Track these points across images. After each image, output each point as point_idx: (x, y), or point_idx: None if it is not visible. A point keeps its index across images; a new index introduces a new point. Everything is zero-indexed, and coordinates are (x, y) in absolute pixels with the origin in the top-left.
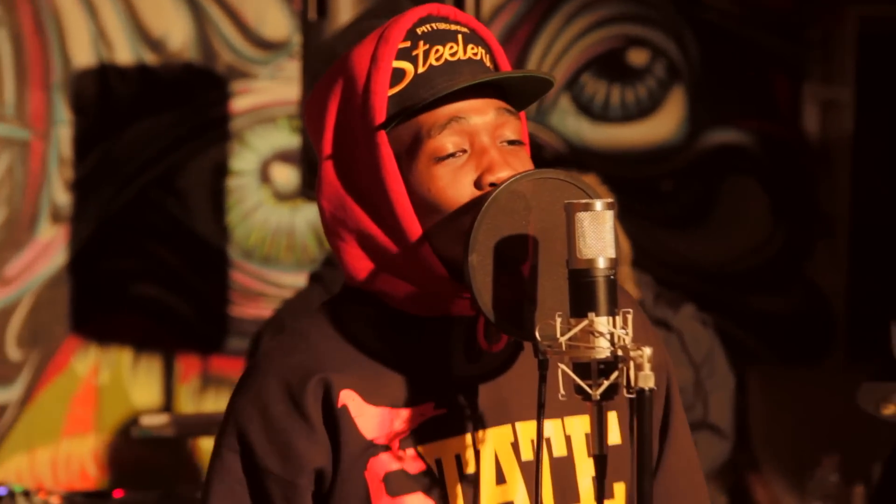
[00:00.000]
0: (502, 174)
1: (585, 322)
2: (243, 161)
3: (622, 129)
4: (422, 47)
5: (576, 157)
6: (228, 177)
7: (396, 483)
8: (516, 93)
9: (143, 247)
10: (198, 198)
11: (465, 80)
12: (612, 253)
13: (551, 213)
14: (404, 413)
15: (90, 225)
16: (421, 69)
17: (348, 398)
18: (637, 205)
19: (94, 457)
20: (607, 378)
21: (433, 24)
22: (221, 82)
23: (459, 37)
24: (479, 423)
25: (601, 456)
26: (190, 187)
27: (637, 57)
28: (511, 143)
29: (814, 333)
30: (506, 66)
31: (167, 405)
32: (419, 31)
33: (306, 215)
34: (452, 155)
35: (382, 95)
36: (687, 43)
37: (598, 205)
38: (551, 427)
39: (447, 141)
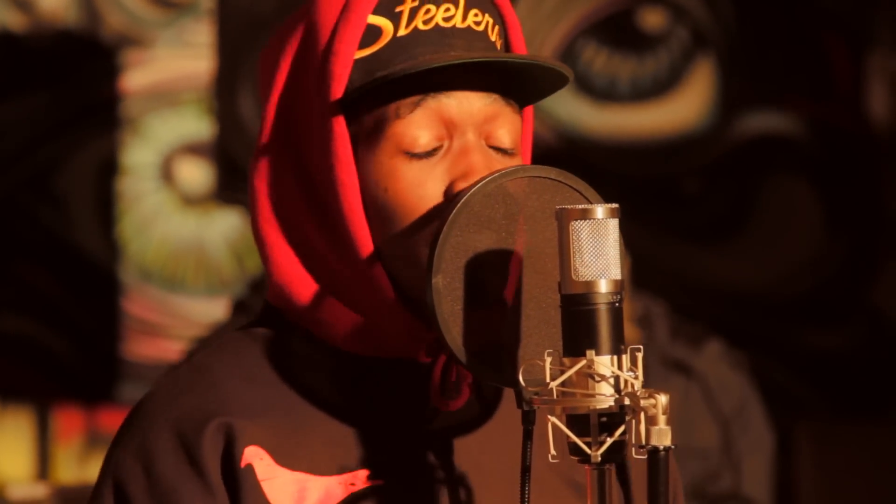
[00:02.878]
0: None
1: (583, 363)
2: (139, 155)
3: (633, 113)
4: (409, 3)
5: (573, 150)
6: (119, 176)
7: None
8: (523, 83)
9: (8, 268)
10: (79, 204)
11: (456, 55)
12: (616, 273)
13: (539, 222)
14: (328, 482)
15: None
16: (402, 31)
17: (255, 456)
18: (651, 211)
19: None
20: (611, 434)
21: None
22: (108, 52)
23: None
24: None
25: None
26: (69, 190)
27: (652, 18)
28: (501, 151)
29: (880, 377)
30: (520, 47)
31: (42, 472)
32: None
33: (221, 226)
34: (424, 152)
35: (347, 58)
36: (717, 0)
37: (600, 211)
38: None
39: (419, 130)
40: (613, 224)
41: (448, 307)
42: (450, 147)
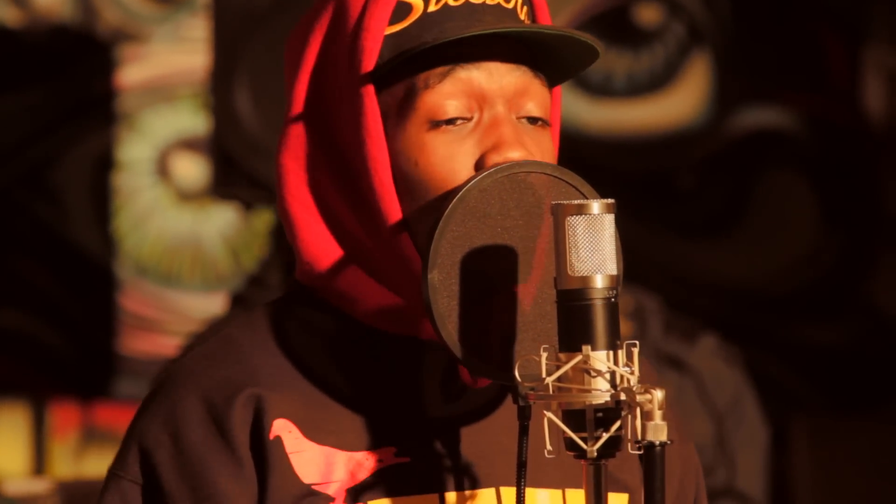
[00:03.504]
0: (512, 155)
1: (579, 358)
2: (135, 150)
3: (628, 108)
4: None
5: (569, 145)
6: (115, 171)
7: None
8: (551, 61)
9: (4, 263)
10: (75, 199)
11: (486, 27)
12: (612, 269)
13: (535, 217)
14: (356, 457)
15: None
16: (433, 7)
17: (283, 429)
18: (647, 206)
19: None
20: (607, 429)
21: None
22: (104, 48)
23: None
24: (453, 482)
25: None
26: (65, 185)
27: (648, 14)
28: (533, 120)
29: (876, 372)
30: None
31: (38, 467)
32: None
33: (217, 221)
34: (453, 122)
35: (378, 33)
36: None
37: (596, 207)
38: (547, 498)
39: (448, 100)
40: (609, 219)
41: (444, 302)
42: (480, 120)
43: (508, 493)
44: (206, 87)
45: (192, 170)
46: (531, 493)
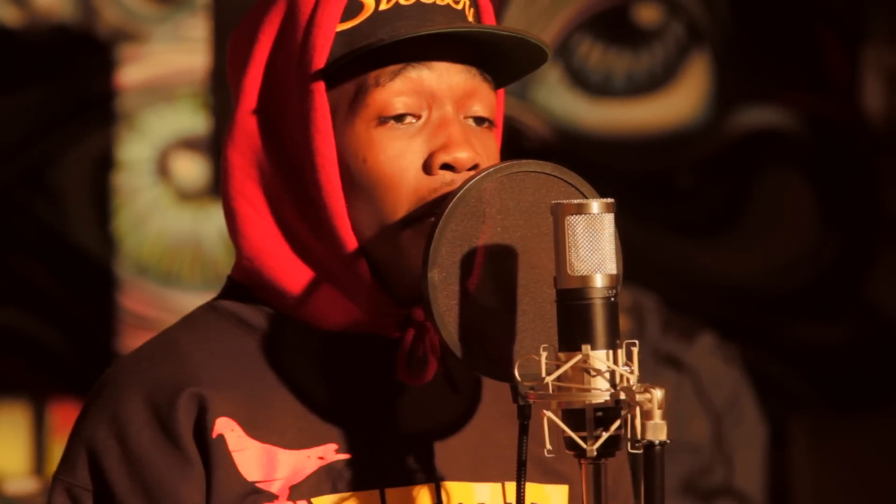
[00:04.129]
0: (461, 155)
1: (578, 357)
2: (134, 150)
3: (628, 108)
4: None
5: (568, 145)
6: (115, 171)
7: None
8: (498, 63)
9: (4, 262)
10: (75, 198)
11: (438, 26)
12: (612, 268)
13: (534, 217)
14: (298, 454)
15: None
16: (384, 5)
17: (226, 428)
18: (647, 205)
19: None
20: (606, 429)
21: None
22: (104, 48)
23: None
24: (394, 478)
25: None
26: (65, 185)
27: (647, 14)
28: (479, 121)
29: (876, 371)
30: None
31: (38, 467)
32: None
33: (217, 220)
34: (401, 118)
35: (329, 30)
36: None
37: (595, 206)
38: (488, 492)
39: (397, 97)
40: (609, 219)
41: (444, 301)
42: (429, 119)
43: (450, 486)
44: (206, 87)
45: (192, 169)
46: (468, 488)
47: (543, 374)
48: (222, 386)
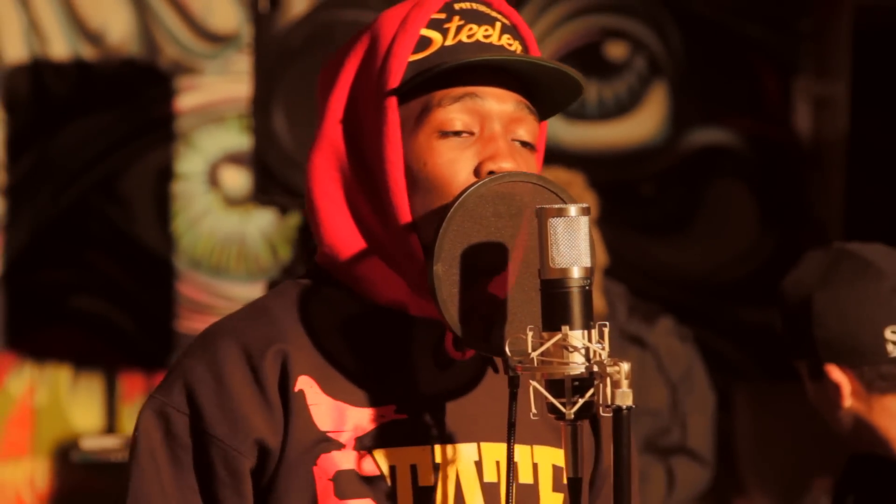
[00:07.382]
0: (505, 165)
1: (559, 336)
2: (190, 164)
3: (599, 129)
4: (456, 21)
5: (550, 160)
6: (174, 181)
7: (346, 485)
8: (541, 97)
9: (82, 257)
10: (141, 204)
11: (494, 55)
12: (587, 262)
13: (523, 218)
14: (363, 412)
15: (24, 233)
16: (450, 41)
17: (305, 384)
18: (615, 210)
19: (30, 483)
20: (582, 395)
21: (473, 4)
22: (165, 78)
23: (498, 24)
24: (442, 437)
25: (576, 479)
26: (132, 192)
27: (615, 50)
28: (523, 144)
29: None
30: None
31: (110, 427)
32: (457, 6)
33: (258, 222)
34: (458, 133)
35: (402, 59)
36: (669, 35)
37: (573, 210)
38: (519, 452)
39: (456, 116)
40: (585, 220)
41: (447, 290)
42: (480, 135)
43: (486, 447)
44: (249, 111)
45: (237, 180)
46: (503, 448)
47: (530, 350)
48: (304, 347)
